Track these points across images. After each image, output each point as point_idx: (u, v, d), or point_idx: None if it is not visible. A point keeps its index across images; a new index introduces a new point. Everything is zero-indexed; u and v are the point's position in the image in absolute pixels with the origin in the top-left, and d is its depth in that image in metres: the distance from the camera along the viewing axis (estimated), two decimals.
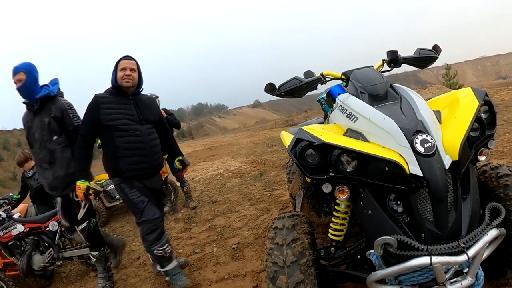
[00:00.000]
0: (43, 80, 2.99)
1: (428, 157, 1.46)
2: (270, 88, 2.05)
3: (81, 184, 2.73)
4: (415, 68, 2.46)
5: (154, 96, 5.32)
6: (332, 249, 1.84)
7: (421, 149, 1.47)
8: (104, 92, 2.88)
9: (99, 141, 4.13)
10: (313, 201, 2.27)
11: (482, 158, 1.71)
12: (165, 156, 5.43)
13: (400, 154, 1.49)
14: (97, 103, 2.77)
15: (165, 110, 5.54)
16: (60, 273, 4.24)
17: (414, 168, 1.45)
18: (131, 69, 2.81)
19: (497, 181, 1.76)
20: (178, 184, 5.86)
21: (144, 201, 2.76)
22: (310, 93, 2.27)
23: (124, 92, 2.83)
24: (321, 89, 2.38)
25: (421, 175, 1.45)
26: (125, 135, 2.73)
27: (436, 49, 2.33)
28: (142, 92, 2.99)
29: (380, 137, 1.57)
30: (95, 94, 2.83)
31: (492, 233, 1.51)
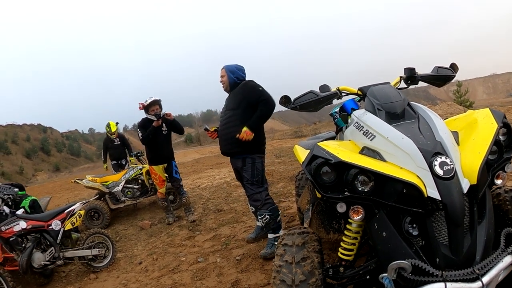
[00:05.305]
0: None
1: (446, 180, 1.42)
2: (285, 101, 2.01)
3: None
4: (426, 84, 2.42)
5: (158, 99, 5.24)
6: (341, 268, 1.79)
7: (440, 171, 1.42)
8: None
9: None
10: (322, 217, 2.23)
11: (499, 181, 1.68)
12: (165, 165, 5.36)
13: (418, 176, 1.45)
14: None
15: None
16: (60, 272, 4.22)
17: (432, 191, 1.41)
18: (221, 76, 3.52)
19: None
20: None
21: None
22: None
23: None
24: (334, 102, 2.35)
25: (439, 198, 1.40)
26: None
27: (454, 67, 2.29)
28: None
29: (398, 157, 1.53)
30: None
31: (507, 260, 1.46)
